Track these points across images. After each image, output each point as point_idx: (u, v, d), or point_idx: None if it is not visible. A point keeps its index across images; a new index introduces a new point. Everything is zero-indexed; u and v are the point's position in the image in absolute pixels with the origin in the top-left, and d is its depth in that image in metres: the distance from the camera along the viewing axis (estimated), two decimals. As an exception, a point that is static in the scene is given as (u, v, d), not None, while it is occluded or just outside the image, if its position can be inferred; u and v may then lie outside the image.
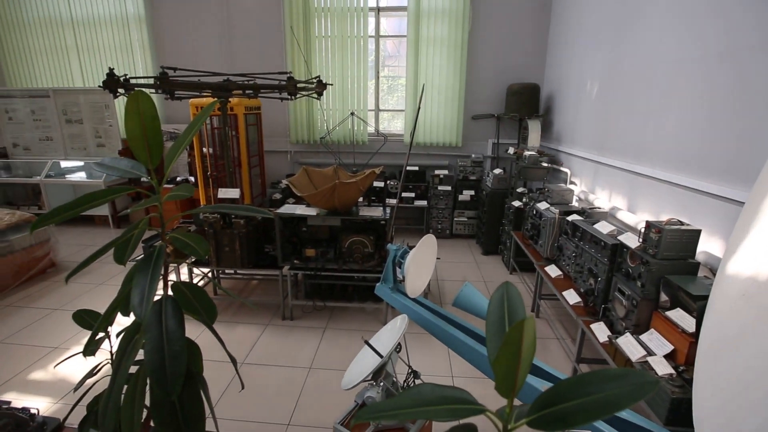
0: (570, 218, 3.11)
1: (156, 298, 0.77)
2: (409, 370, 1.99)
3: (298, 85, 3.08)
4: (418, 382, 2.06)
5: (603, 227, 2.72)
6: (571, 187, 3.97)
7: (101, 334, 1.06)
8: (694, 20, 2.57)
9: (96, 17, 5.84)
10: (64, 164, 6.09)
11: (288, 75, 2.98)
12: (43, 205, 5.81)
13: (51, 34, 5.99)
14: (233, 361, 0.91)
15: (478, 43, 5.44)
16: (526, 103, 4.95)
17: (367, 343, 1.88)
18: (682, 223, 2.18)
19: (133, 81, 2.84)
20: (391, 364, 1.87)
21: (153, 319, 0.72)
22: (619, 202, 3.38)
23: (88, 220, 6.09)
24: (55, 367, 2.76)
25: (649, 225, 2.24)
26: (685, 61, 2.63)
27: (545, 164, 4.35)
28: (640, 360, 1.98)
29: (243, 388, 0.98)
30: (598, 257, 2.63)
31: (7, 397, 2.48)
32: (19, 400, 2.46)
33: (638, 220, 2.97)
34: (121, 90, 2.73)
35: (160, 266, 0.71)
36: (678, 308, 2.01)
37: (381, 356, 1.78)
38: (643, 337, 2.11)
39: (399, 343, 1.95)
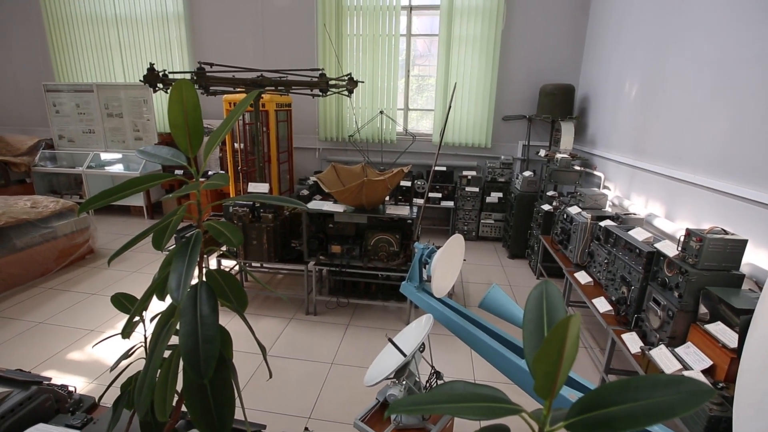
0: (603, 224, 3.01)
1: (192, 283, 0.78)
2: (432, 371, 1.97)
3: (330, 82, 3.11)
4: (440, 383, 2.04)
5: (638, 234, 2.62)
6: (605, 191, 3.83)
7: (137, 318, 1.10)
8: (742, 19, 2.43)
9: (138, 15, 6.09)
10: (104, 156, 6.38)
11: (320, 71, 3.01)
12: (84, 194, 6.11)
13: (96, 32, 6.29)
14: (262, 349, 0.92)
15: (511, 42, 5.34)
16: (560, 104, 4.82)
17: (390, 341, 1.88)
18: (726, 232, 2.07)
19: (171, 76, 2.94)
20: (415, 364, 1.86)
21: (188, 304, 0.73)
22: (657, 208, 3.24)
23: (124, 210, 6.37)
24: (93, 346, 2.90)
25: (689, 233, 2.13)
26: (732, 62, 2.49)
27: (578, 168, 4.22)
28: (675, 374, 1.89)
29: (270, 376, 0.99)
30: (632, 265, 2.53)
31: (46, 374, 2.61)
32: (57, 378, 2.60)
33: (677, 228, 2.83)
34: (159, 85, 2.83)
35: (197, 252, 0.73)
36: (719, 321, 1.90)
37: (404, 355, 1.77)
38: (679, 350, 2.01)
39: (423, 343, 1.93)
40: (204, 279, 0.80)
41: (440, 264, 1.96)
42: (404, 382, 1.79)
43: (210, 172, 5.94)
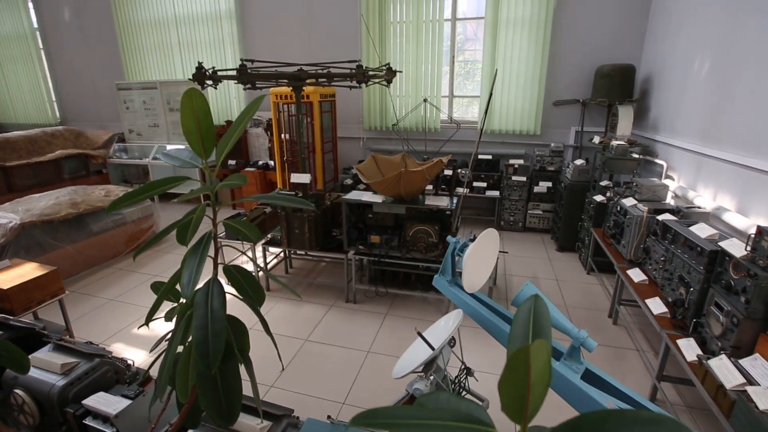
0: (660, 217, 2.77)
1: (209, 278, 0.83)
2: (462, 366, 1.95)
3: (369, 73, 3.10)
4: (471, 379, 2.01)
5: (701, 230, 2.38)
6: (667, 182, 3.51)
7: (174, 304, 1.19)
8: None
9: (194, 15, 6.44)
10: (168, 147, 6.89)
11: (357, 63, 3.01)
12: (150, 183, 6.65)
13: (159, 33, 6.76)
14: (273, 340, 0.96)
15: (563, 21, 4.98)
16: (618, 86, 4.44)
17: (419, 334, 1.88)
18: (806, 231, 1.82)
19: (219, 73, 3.08)
20: (443, 358, 1.84)
21: (201, 299, 0.78)
22: (727, 201, 2.92)
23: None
24: (138, 329, 3.17)
25: (761, 231, 1.90)
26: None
27: (636, 155, 3.89)
28: (737, 388, 1.72)
29: (283, 369, 1.03)
30: (692, 264, 2.31)
31: (113, 347, 2.92)
32: (123, 351, 2.89)
33: (750, 224, 2.54)
34: (208, 81, 2.98)
35: (207, 251, 0.77)
36: (792, 332, 1.70)
37: (433, 349, 1.76)
38: (744, 362, 1.82)
39: (453, 338, 1.91)
40: (216, 276, 0.85)
41: (471, 259, 1.91)
42: (432, 377, 1.78)
43: (260, 162, 6.21)
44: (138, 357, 2.77)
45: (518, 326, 0.50)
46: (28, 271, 2.76)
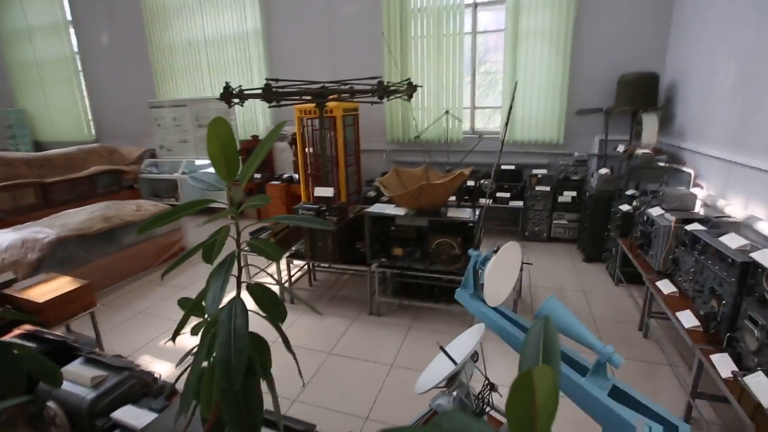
0: (689, 227, 2.67)
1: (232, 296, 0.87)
2: (486, 382, 1.92)
3: (390, 88, 3.16)
4: (495, 395, 1.98)
5: (731, 240, 2.28)
6: (695, 190, 3.39)
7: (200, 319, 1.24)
8: None
9: (223, 36, 6.72)
10: (196, 162, 7.15)
11: (378, 79, 3.07)
12: (179, 197, 6.89)
13: (189, 54, 7.08)
14: (294, 357, 0.99)
15: (584, 31, 4.93)
16: (642, 94, 4.35)
17: (442, 349, 1.87)
18: None
19: (245, 92, 3.21)
20: (465, 374, 1.82)
21: (225, 317, 0.82)
22: (759, 210, 2.79)
23: (212, 211, 7.06)
24: (164, 343, 3.25)
25: (798, 242, 1.81)
26: None
27: (662, 164, 3.77)
28: None
29: (303, 386, 1.06)
30: (722, 276, 2.22)
31: (141, 359, 3.01)
32: (151, 363, 2.98)
33: (787, 234, 2.42)
34: (235, 100, 3.11)
35: (231, 271, 0.81)
36: (836, 350, 1.60)
37: (455, 363, 1.75)
38: (783, 379, 1.72)
39: (476, 352, 1.89)
40: (239, 294, 0.88)
41: (493, 273, 1.89)
42: (455, 393, 1.77)
43: (285, 175, 6.35)
44: (164, 369, 2.85)
45: (528, 348, 0.51)
46: (62, 284, 2.80)
